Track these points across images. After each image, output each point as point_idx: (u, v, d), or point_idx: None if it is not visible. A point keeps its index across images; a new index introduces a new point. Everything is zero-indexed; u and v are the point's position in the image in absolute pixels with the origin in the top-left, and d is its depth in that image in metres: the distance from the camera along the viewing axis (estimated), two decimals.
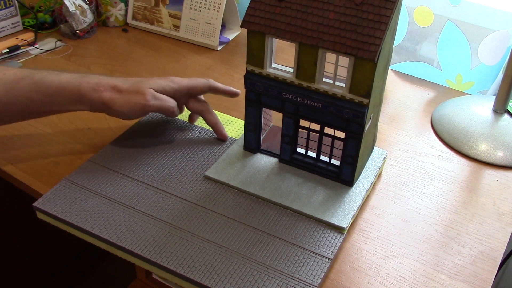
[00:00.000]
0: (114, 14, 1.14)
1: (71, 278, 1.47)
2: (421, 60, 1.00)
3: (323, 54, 0.61)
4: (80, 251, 1.48)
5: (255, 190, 0.69)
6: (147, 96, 0.70)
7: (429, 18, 0.95)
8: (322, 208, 0.67)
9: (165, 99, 0.72)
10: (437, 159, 0.80)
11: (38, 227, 1.01)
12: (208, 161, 0.75)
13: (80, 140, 0.79)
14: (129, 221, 0.65)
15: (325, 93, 0.64)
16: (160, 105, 0.71)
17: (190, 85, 0.75)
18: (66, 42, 1.07)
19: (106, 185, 0.70)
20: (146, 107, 0.70)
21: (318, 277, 0.59)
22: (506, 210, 0.71)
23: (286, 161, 0.73)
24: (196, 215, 0.66)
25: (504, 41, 0.89)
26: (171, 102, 0.72)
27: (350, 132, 0.65)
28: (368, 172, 0.72)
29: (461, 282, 0.61)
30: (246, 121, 0.72)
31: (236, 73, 1.00)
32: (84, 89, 0.70)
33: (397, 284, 0.60)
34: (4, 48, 1.01)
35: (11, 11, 1.08)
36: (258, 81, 0.67)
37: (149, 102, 0.70)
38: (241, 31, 1.14)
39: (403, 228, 0.67)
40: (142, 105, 0.70)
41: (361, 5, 0.59)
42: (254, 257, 0.61)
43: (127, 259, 0.63)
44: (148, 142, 0.78)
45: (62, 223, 0.65)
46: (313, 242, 0.63)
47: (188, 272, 0.59)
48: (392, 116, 0.90)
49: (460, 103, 0.90)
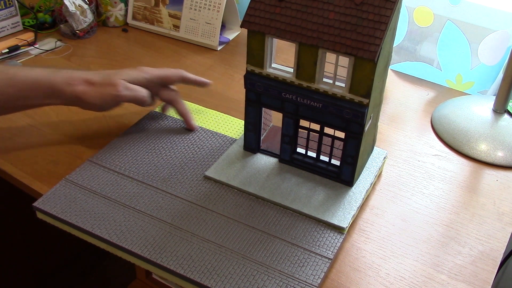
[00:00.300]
0: (114, 14, 1.14)
1: (71, 278, 1.47)
2: (421, 60, 1.00)
3: (323, 54, 0.61)
4: (80, 251, 1.48)
5: (255, 190, 0.69)
6: (119, 87, 0.71)
7: (429, 18, 0.95)
8: (322, 208, 0.67)
9: (137, 89, 0.73)
10: (437, 159, 0.80)
11: (38, 227, 1.01)
12: (208, 161, 0.75)
13: (80, 140, 0.79)
14: (129, 221, 0.65)
15: (325, 93, 0.64)
16: (132, 95, 0.73)
17: (162, 75, 0.77)
18: (66, 42, 1.07)
19: (106, 185, 0.70)
20: (118, 98, 0.72)
21: (318, 277, 0.59)
22: (506, 210, 0.71)
23: (286, 161, 0.73)
24: (196, 215, 0.66)
25: (504, 41, 0.89)
26: (143, 91, 0.74)
27: (350, 132, 0.65)
28: (368, 172, 0.72)
29: (461, 282, 0.61)
30: (246, 121, 0.72)
31: (236, 73, 1.00)
32: (57, 83, 0.71)
33: (397, 284, 0.60)
34: (4, 48, 1.02)
35: (11, 11, 1.08)
36: (258, 81, 0.67)
37: (121, 93, 0.72)
38: (241, 31, 1.14)
39: (403, 228, 0.67)
40: (114, 96, 0.72)
41: (361, 5, 0.59)
42: (254, 257, 0.61)
43: (127, 259, 0.63)
44: (148, 142, 0.78)
45: (62, 223, 0.65)
46: (313, 242, 0.63)
47: (188, 272, 0.59)
48: (392, 116, 0.90)
49: (460, 103, 0.90)
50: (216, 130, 0.81)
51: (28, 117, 0.83)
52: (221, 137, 0.79)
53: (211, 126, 0.82)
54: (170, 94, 0.79)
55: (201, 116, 0.84)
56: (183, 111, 0.80)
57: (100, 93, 0.72)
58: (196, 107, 0.86)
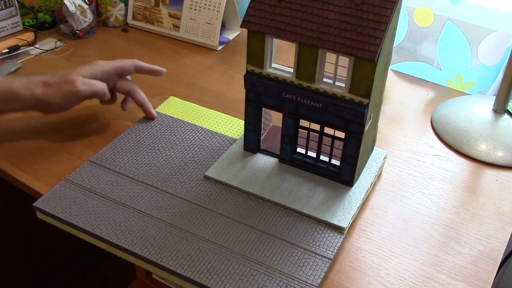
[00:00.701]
0: (114, 14, 1.14)
1: (71, 278, 1.47)
2: (421, 60, 1.00)
3: (323, 54, 0.61)
4: (80, 251, 1.48)
5: (255, 190, 0.69)
6: (77, 83, 0.73)
7: (429, 18, 0.95)
8: (322, 208, 0.67)
9: (95, 83, 0.75)
10: (437, 159, 0.80)
11: (38, 227, 1.01)
12: (208, 161, 0.75)
13: (80, 140, 0.79)
14: (129, 221, 0.65)
15: (325, 93, 0.64)
16: (90, 89, 0.74)
17: (116, 66, 0.79)
18: (66, 42, 1.07)
19: (106, 185, 0.70)
20: (78, 93, 0.73)
21: (318, 277, 0.59)
22: (506, 210, 0.71)
23: (286, 161, 0.73)
24: (196, 215, 0.66)
25: (504, 41, 0.89)
26: (100, 84, 0.75)
27: (350, 132, 0.65)
28: (368, 172, 0.72)
29: (461, 282, 0.61)
30: (246, 121, 0.72)
31: (236, 73, 1.00)
32: (16, 88, 0.72)
33: (397, 284, 0.60)
34: (4, 48, 1.01)
35: (11, 11, 1.08)
36: (258, 81, 0.67)
37: (79, 88, 0.73)
38: (241, 31, 1.14)
39: (403, 228, 0.67)
40: (73, 93, 0.73)
41: (361, 5, 0.59)
42: (254, 257, 0.61)
43: (127, 259, 0.63)
44: (148, 142, 0.78)
45: (62, 223, 0.65)
46: (313, 242, 0.63)
47: (188, 272, 0.59)
48: (392, 116, 0.90)
49: (460, 103, 0.90)
50: (216, 130, 0.81)
51: (28, 117, 0.83)
52: (221, 137, 0.79)
53: (211, 126, 0.82)
54: (127, 84, 0.81)
55: (201, 116, 0.84)
56: (141, 100, 0.81)
57: (59, 92, 0.73)
58: (196, 107, 0.86)
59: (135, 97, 0.81)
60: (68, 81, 0.73)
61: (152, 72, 0.83)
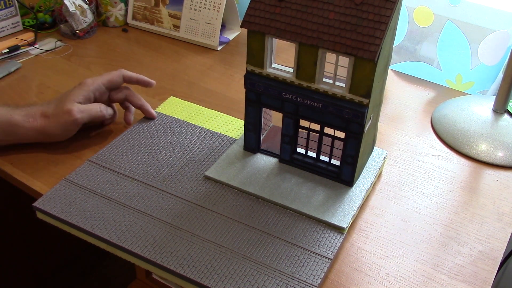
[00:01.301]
0: (114, 14, 1.14)
1: (71, 278, 1.47)
2: (421, 60, 1.00)
3: (323, 54, 0.61)
4: (80, 251, 1.48)
5: (255, 190, 0.69)
6: (73, 112, 0.73)
7: (429, 18, 0.95)
8: (322, 208, 0.67)
9: (90, 108, 0.75)
10: (437, 159, 0.80)
11: (38, 227, 1.01)
12: (208, 161, 0.75)
13: (80, 140, 0.79)
14: (129, 221, 0.65)
15: (325, 93, 0.64)
16: (88, 115, 0.74)
17: (105, 80, 0.78)
18: (66, 42, 1.07)
19: (106, 185, 0.70)
20: (77, 121, 0.73)
21: (318, 277, 0.59)
22: (506, 210, 0.71)
23: (286, 161, 0.73)
24: (196, 215, 0.66)
25: (504, 41, 0.89)
26: (96, 107, 0.75)
27: (350, 132, 0.65)
28: (368, 172, 0.72)
29: (461, 282, 0.61)
30: (246, 121, 0.72)
31: (236, 73, 1.00)
32: (15, 120, 0.73)
33: (397, 284, 0.60)
34: (4, 48, 1.01)
35: (11, 11, 1.08)
36: (258, 81, 0.67)
37: (77, 116, 0.73)
38: (241, 31, 1.14)
39: (403, 228, 0.67)
40: (72, 122, 0.73)
41: (361, 5, 0.59)
42: (254, 257, 0.61)
43: (127, 259, 0.63)
44: (148, 142, 0.78)
45: (62, 223, 0.65)
46: (313, 242, 0.63)
47: (188, 272, 0.59)
48: (392, 116, 0.90)
49: (460, 103, 0.90)
50: (216, 130, 0.81)
51: None
52: (221, 137, 0.79)
53: (211, 126, 0.82)
54: (121, 91, 0.80)
55: (201, 116, 0.84)
56: (139, 102, 0.81)
57: (58, 123, 0.73)
58: (196, 107, 0.86)
59: (132, 101, 0.81)
60: (65, 111, 0.73)
61: (140, 82, 0.82)
